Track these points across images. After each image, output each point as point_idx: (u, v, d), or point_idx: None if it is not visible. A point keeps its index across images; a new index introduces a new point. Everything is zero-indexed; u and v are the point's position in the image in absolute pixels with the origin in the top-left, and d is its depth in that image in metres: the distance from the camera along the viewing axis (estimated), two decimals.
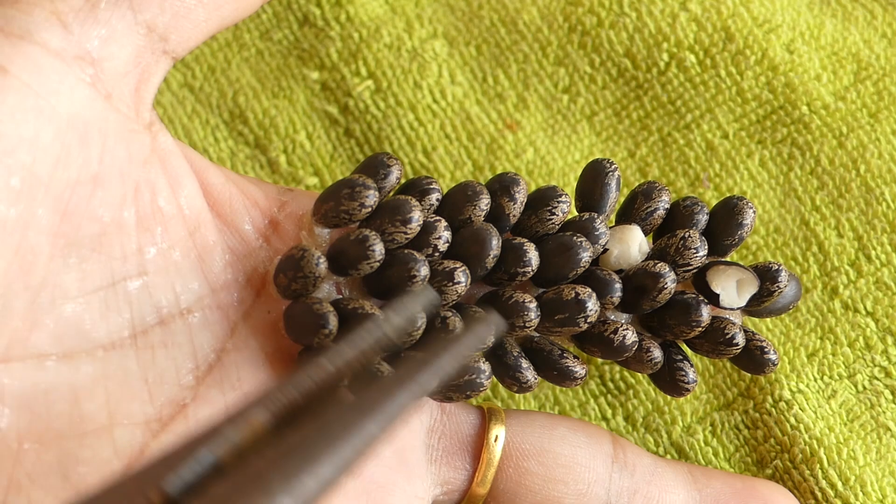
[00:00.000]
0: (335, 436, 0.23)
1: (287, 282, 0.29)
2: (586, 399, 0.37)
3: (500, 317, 0.29)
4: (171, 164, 0.29)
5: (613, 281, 0.30)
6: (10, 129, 0.26)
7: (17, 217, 0.26)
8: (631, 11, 0.40)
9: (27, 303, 0.26)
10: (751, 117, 0.39)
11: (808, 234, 0.37)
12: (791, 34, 0.39)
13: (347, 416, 0.24)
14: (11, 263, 0.26)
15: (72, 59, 0.27)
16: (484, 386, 0.30)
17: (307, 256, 0.29)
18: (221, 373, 0.29)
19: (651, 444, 0.36)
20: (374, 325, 0.25)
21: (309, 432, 0.23)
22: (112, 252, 0.28)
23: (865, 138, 0.38)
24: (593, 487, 0.32)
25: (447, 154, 0.39)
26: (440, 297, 0.29)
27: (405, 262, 0.29)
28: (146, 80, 0.29)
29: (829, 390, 0.36)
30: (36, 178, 0.26)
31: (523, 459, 0.32)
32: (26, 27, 0.27)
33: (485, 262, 0.30)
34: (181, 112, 0.41)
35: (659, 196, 0.32)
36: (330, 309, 0.29)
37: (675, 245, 0.31)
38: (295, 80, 0.41)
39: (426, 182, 0.31)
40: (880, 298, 0.36)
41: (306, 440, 0.23)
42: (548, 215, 0.31)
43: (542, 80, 0.40)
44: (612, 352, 0.31)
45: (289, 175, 0.39)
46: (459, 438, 0.32)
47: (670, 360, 0.31)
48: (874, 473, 0.34)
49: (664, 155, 0.39)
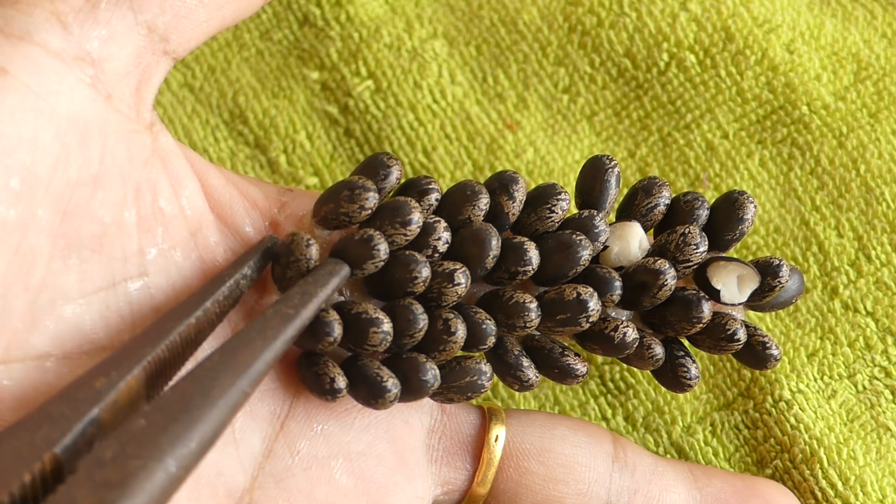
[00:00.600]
0: (215, 397, 0.24)
1: (282, 270, 0.29)
2: (586, 399, 0.37)
3: (345, 265, 0.29)
4: (172, 164, 0.29)
5: (613, 279, 0.30)
6: (10, 130, 0.26)
7: (16, 218, 0.26)
8: (631, 11, 0.40)
9: (27, 304, 0.26)
10: (751, 117, 0.39)
11: (808, 234, 0.37)
12: (791, 34, 0.39)
13: (219, 376, 0.25)
14: (11, 264, 0.26)
15: (72, 60, 0.27)
16: (485, 387, 0.30)
17: (297, 240, 0.29)
18: None
19: (651, 443, 0.36)
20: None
21: (185, 392, 0.24)
22: (112, 253, 0.28)
23: (865, 138, 0.38)
24: (594, 487, 0.32)
25: (447, 154, 0.39)
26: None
27: (406, 263, 0.29)
28: (147, 81, 0.29)
29: (829, 390, 0.36)
30: (36, 178, 0.26)
31: (524, 459, 0.32)
32: (26, 28, 0.27)
33: (485, 262, 0.30)
34: (181, 112, 0.41)
35: (659, 192, 0.32)
36: (335, 317, 0.29)
37: (675, 241, 0.31)
38: (295, 80, 0.41)
39: (425, 182, 0.31)
40: (880, 298, 0.36)
41: (183, 400, 0.24)
42: (547, 213, 0.31)
43: (542, 80, 0.40)
44: (613, 349, 0.31)
45: (289, 175, 0.39)
46: (460, 438, 0.32)
47: (672, 356, 0.31)
48: (874, 473, 0.34)
49: (664, 155, 0.39)
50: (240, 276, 0.29)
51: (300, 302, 0.28)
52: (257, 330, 0.27)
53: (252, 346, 0.26)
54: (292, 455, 0.29)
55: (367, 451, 0.30)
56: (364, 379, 0.29)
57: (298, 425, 0.30)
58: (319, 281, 0.28)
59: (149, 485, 0.23)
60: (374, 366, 0.29)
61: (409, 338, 0.29)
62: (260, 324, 0.27)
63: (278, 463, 0.29)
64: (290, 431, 0.30)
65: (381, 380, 0.29)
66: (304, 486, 0.29)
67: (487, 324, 0.30)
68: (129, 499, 0.23)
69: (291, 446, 0.30)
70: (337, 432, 0.30)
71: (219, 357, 0.26)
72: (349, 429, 0.30)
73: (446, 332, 0.29)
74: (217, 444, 0.28)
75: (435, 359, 0.29)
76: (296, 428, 0.30)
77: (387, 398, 0.29)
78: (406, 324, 0.29)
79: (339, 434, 0.30)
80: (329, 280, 0.28)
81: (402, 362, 0.29)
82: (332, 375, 0.29)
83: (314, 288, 0.28)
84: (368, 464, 0.30)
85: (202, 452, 0.24)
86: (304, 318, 0.28)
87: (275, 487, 0.29)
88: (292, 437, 0.30)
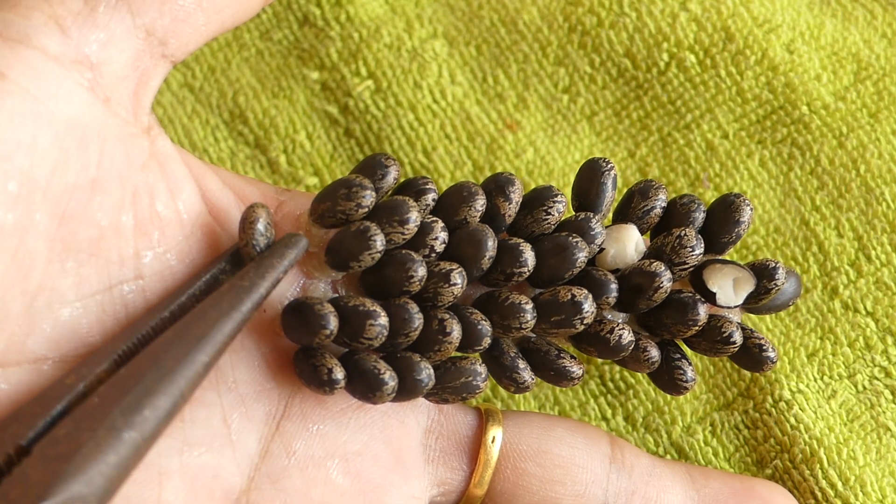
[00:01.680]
0: (168, 368, 0.25)
1: (245, 241, 0.29)
2: (586, 399, 0.37)
3: (303, 236, 0.29)
4: (169, 168, 0.29)
5: (609, 281, 0.30)
6: (8, 134, 0.26)
7: (14, 222, 0.26)
8: (631, 11, 0.40)
9: (24, 307, 0.26)
10: (751, 117, 0.39)
11: (808, 234, 0.37)
12: (791, 34, 0.39)
13: (178, 349, 0.25)
14: (9, 268, 0.26)
15: (70, 64, 0.27)
16: (480, 388, 0.30)
17: (245, 213, 0.29)
18: (217, 374, 0.29)
19: (651, 444, 0.36)
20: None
21: (139, 367, 0.25)
22: (109, 256, 0.28)
23: (865, 138, 0.38)
24: (591, 488, 0.32)
25: (447, 154, 0.39)
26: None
27: (402, 262, 0.29)
28: (145, 84, 0.29)
29: (829, 390, 0.36)
30: (34, 182, 0.26)
31: (521, 460, 0.32)
32: (24, 31, 0.27)
33: (481, 263, 0.30)
34: (181, 112, 0.41)
35: (656, 194, 0.32)
36: (331, 309, 0.29)
37: (671, 244, 0.31)
38: (295, 80, 0.41)
39: (422, 182, 0.31)
40: (880, 298, 0.36)
41: (137, 375, 0.25)
42: (543, 215, 0.31)
43: (542, 80, 0.40)
44: (609, 351, 0.31)
45: (289, 175, 0.40)
46: (457, 439, 0.32)
47: (668, 359, 0.31)
48: (874, 473, 0.34)
49: (664, 155, 0.39)
50: (217, 270, 0.29)
51: (255, 274, 0.28)
52: (212, 304, 0.27)
53: (206, 319, 0.26)
54: (288, 455, 0.30)
55: (364, 452, 0.30)
56: (361, 373, 0.29)
57: (294, 426, 0.30)
58: (276, 253, 0.28)
59: (101, 454, 0.23)
60: (371, 359, 0.29)
61: (405, 337, 0.29)
62: (214, 298, 0.27)
63: (274, 463, 0.29)
64: (286, 432, 0.30)
65: (379, 372, 0.29)
66: (300, 487, 0.29)
67: (483, 325, 0.30)
68: (82, 470, 0.23)
69: (287, 447, 0.30)
70: (333, 432, 0.30)
71: (173, 333, 0.26)
72: (345, 429, 0.30)
73: (441, 333, 0.29)
74: (213, 446, 0.28)
75: (430, 359, 0.30)
76: (292, 428, 0.30)
77: (384, 391, 0.29)
78: (401, 323, 0.29)
79: (335, 434, 0.30)
80: (285, 252, 0.29)
81: (397, 361, 0.29)
82: (329, 366, 0.29)
83: (270, 260, 0.28)
84: (364, 464, 0.30)
85: (159, 421, 0.24)
86: (262, 290, 0.28)
87: (271, 488, 0.29)
88: (288, 438, 0.30)
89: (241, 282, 0.28)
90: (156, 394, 0.25)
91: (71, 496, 0.23)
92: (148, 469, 0.27)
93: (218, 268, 0.29)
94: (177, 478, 0.28)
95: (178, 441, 0.28)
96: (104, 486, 0.23)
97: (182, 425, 0.28)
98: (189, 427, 0.28)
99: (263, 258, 0.28)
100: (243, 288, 0.27)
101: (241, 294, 0.27)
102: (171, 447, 0.28)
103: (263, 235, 0.29)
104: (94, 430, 0.24)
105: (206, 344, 0.26)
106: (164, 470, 0.28)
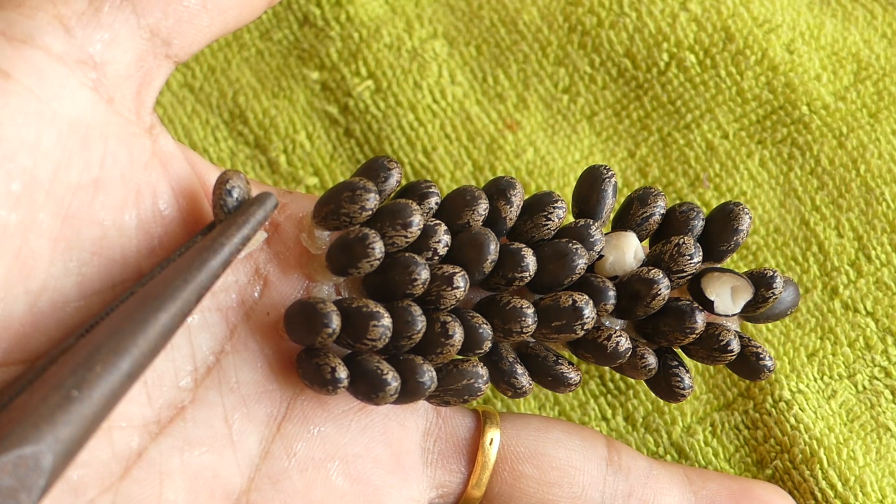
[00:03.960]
0: (124, 329, 0.25)
1: (214, 203, 0.29)
2: (586, 399, 0.37)
3: (272, 194, 0.29)
4: (172, 167, 0.29)
5: (607, 288, 0.30)
6: (12, 133, 0.26)
7: (18, 221, 0.26)
8: (631, 11, 0.40)
9: (27, 306, 0.27)
10: (751, 117, 0.39)
11: (808, 234, 0.37)
12: (791, 34, 0.39)
13: (136, 312, 0.25)
14: (12, 267, 0.26)
15: (74, 63, 0.27)
16: (482, 390, 0.30)
17: (217, 180, 0.29)
18: (220, 375, 0.29)
19: (651, 444, 0.36)
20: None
21: (100, 332, 0.25)
22: (112, 255, 0.28)
23: (865, 138, 0.38)
24: (588, 490, 0.32)
25: (447, 154, 0.39)
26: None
27: (406, 265, 0.29)
28: (148, 84, 0.29)
29: (829, 390, 0.36)
30: (37, 182, 0.26)
31: (518, 463, 0.32)
32: (29, 31, 0.27)
33: (482, 266, 0.30)
34: (181, 112, 0.41)
35: (655, 202, 0.32)
36: (333, 308, 0.29)
37: (669, 251, 0.31)
38: (295, 80, 0.41)
39: (425, 186, 0.31)
40: (880, 298, 0.36)
41: (97, 339, 0.25)
42: (544, 220, 0.31)
43: (542, 80, 0.40)
44: (606, 358, 0.31)
45: (289, 175, 0.40)
46: (455, 441, 0.32)
47: (666, 366, 0.31)
48: (874, 474, 0.34)
49: (664, 155, 0.39)
50: (191, 242, 0.29)
51: (219, 232, 0.28)
52: (174, 267, 0.27)
53: (166, 280, 0.26)
54: (289, 457, 0.30)
55: (364, 454, 0.30)
56: (364, 374, 0.29)
57: (295, 427, 0.30)
58: (242, 212, 0.28)
59: (49, 413, 0.23)
60: (374, 360, 0.29)
61: (407, 339, 0.29)
62: (178, 262, 0.27)
63: (275, 465, 0.29)
64: (287, 433, 0.30)
65: (382, 373, 0.29)
66: (300, 488, 0.29)
67: (484, 328, 0.30)
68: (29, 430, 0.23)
69: (288, 448, 0.30)
70: (333, 434, 0.30)
71: (133, 300, 0.26)
72: (346, 431, 0.30)
73: (444, 335, 0.29)
74: (214, 446, 0.28)
75: (432, 361, 0.30)
76: (292, 430, 0.30)
77: (387, 392, 0.29)
78: (404, 325, 0.29)
79: (335, 436, 0.30)
80: (252, 210, 0.28)
81: (400, 363, 0.29)
82: (332, 365, 0.29)
83: (235, 218, 0.28)
84: (364, 466, 0.30)
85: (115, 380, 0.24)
86: (228, 245, 0.27)
87: (271, 489, 0.29)
88: (289, 439, 0.30)
89: (205, 241, 0.27)
90: (109, 352, 0.24)
91: (21, 455, 0.23)
92: (149, 468, 0.28)
93: (192, 240, 0.29)
94: (177, 477, 0.28)
95: (179, 440, 0.28)
96: (56, 445, 0.23)
97: (183, 424, 0.28)
98: (190, 426, 0.28)
99: (230, 217, 0.28)
100: (205, 246, 0.27)
101: (203, 252, 0.27)
102: (173, 446, 0.28)
103: (233, 198, 0.29)
104: (43, 392, 0.24)
105: (165, 301, 0.26)
106: (164, 469, 0.28)
